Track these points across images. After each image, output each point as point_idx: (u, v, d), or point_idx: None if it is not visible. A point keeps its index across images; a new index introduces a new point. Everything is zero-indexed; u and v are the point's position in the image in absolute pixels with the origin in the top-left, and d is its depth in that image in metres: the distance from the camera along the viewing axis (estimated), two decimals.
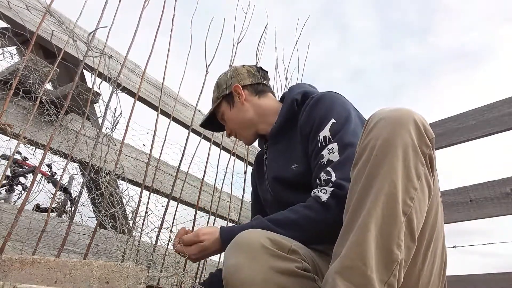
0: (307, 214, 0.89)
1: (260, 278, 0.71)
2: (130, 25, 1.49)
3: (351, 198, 0.70)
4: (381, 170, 0.66)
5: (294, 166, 1.04)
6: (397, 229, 0.64)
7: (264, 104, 1.20)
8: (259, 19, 2.13)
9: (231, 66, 1.96)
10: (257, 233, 0.78)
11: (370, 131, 0.71)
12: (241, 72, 1.23)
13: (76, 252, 1.36)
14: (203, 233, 0.96)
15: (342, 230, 0.70)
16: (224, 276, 0.76)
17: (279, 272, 0.73)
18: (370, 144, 0.69)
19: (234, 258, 0.75)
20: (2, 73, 1.37)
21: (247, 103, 1.19)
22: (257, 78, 1.23)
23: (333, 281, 0.64)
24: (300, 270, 0.75)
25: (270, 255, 0.74)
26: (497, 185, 1.65)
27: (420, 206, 0.67)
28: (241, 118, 1.20)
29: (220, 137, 2.10)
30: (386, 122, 0.69)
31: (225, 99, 1.22)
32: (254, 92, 1.21)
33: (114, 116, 1.31)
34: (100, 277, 1.05)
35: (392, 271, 0.63)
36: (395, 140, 0.66)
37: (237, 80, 1.21)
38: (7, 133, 1.19)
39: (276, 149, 1.15)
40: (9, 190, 2.93)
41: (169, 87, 2.03)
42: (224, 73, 1.27)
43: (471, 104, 1.83)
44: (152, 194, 1.59)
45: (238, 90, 1.19)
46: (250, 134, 1.23)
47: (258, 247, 0.74)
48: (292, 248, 0.78)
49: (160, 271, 1.39)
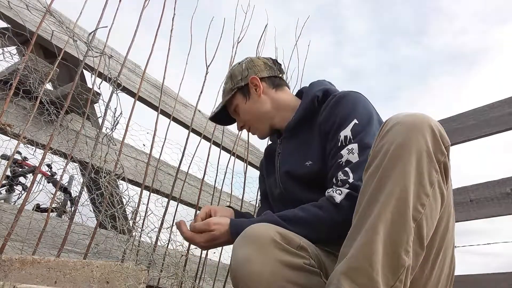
0: (318, 214, 0.89)
1: (269, 271, 0.72)
2: (130, 25, 1.49)
3: (362, 200, 0.70)
4: (394, 174, 0.66)
5: (308, 163, 1.02)
6: (406, 235, 0.64)
7: (281, 98, 1.17)
8: (259, 19, 2.13)
9: (230, 65, 1.97)
10: (268, 227, 0.78)
11: (385, 135, 0.71)
12: (258, 63, 1.19)
13: (76, 252, 1.36)
14: (214, 223, 0.95)
15: (350, 231, 0.70)
16: (232, 268, 0.76)
17: (287, 266, 0.73)
18: (384, 147, 0.69)
19: (243, 250, 0.75)
20: (2, 73, 1.37)
21: (264, 96, 1.16)
22: (274, 70, 1.20)
23: (338, 281, 0.64)
24: (308, 266, 0.76)
25: (280, 249, 0.74)
26: (497, 185, 1.65)
27: (431, 213, 0.67)
28: (257, 111, 1.16)
29: (220, 137, 2.10)
30: (402, 127, 0.69)
31: (240, 91, 1.17)
32: (271, 85, 1.17)
33: (114, 116, 1.31)
34: (100, 277, 1.05)
35: (398, 276, 0.63)
36: (409, 145, 0.66)
37: (254, 71, 1.17)
38: (7, 133, 1.20)
39: (291, 144, 1.12)
40: (9, 190, 2.93)
41: (169, 87, 2.03)
42: (238, 63, 1.22)
43: (467, 105, 1.83)
44: (152, 194, 1.59)
45: (255, 82, 1.15)
46: (265, 127, 1.18)
47: (268, 240, 0.74)
48: (301, 244, 0.78)
49: (160, 271, 1.39)
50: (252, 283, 0.72)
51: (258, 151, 2.48)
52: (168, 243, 1.53)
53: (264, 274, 0.71)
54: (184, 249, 1.58)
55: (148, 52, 1.56)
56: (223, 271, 1.84)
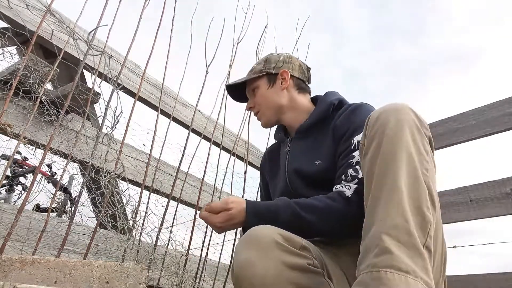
0: (331, 205, 0.91)
1: (272, 273, 0.71)
2: (130, 25, 1.49)
3: (371, 178, 0.72)
4: (397, 146, 0.70)
5: (317, 162, 1.06)
6: (423, 192, 0.67)
7: (300, 101, 1.22)
8: (259, 19, 2.13)
9: (231, 65, 1.96)
10: (269, 229, 0.78)
11: (375, 122, 0.75)
12: (294, 62, 1.25)
13: (76, 252, 1.36)
14: (232, 201, 0.95)
15: (370, 205, 0.71)
16: (235, 271, 0.76)
17: (291, 267, 0.73)
18: (379, 130, 0.73)
19: (245, 253, 0.75)
20: (2, 73, 1.37)
21: (286, 91, 1.21)
22: (304, 76, 1.26)
23: (381, 241, 0.62)
24: (311, 267, 0.76)
25: (282, 251, 0.74)
26: (497, 185, 1.65)
27: (433, 178, 0.71)
28: (273, 100, 1.21)
29: (220, 137, 2.10)
30: (389, 112, 0.74)
31: (267, 76, 1.22)
32: (296, 86, 1.23)
33: (115, 115, 1.31)
34: (100, 277, 1.05)
35: (427, 232, 0.65)
36: (402, 122, 0.72)
37: (288, 66, 1.22)
38: (7, 133, 1.20)
39: (302, 144, 1.17)
40: (9, 190, 2.93)
41: (169, 87, 2.03)
42: (277, 53, 1.28)
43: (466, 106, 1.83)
44: (152, 194, 1.59)
45: (285, 76, 1.21)
46: (273, 118, 1.23)
47: (270, 242, 0.74)
48: (304, 244, 0.78)
49: (161, 270, 1.39)
50: (257, 286, 0.71)
51: (258, 151, 2.48)
52: (168, 243, 1.53)
53: (267, 277, 0.71)
54: (184, 249, 1.58)
55: (148, 52, 1.56)
56: (223, 271, 1.84)
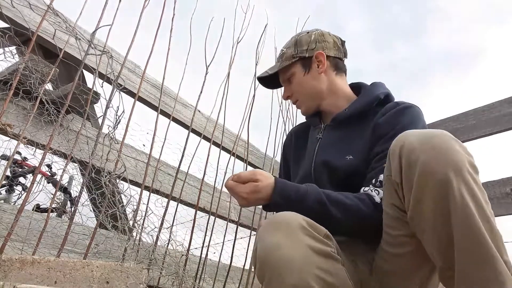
0: (360, 206, 0.88)
1: (300, 256, 0.70)
2: (130, 25, 1.49)
3: (446, 237, 0.68)
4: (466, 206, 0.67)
5: (348, 157, 1.00)
6: (500, 240, 0.68)
7: (339, 84, 1.13)
8: (259, 19, 2.13)
9: (230, 65, 1.96)
10: (295, 215, 0.77)
11: (419, 173, 0.70)
12: (328, 39, 1.13)
13: (76, 252, 1.36)
14: (260, 173, 0.91)
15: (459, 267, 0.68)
16: (259, 255, 0.74)
17: (317, 252, 0.72)
18: (429, 186, 0.69)
19: (272, 236, 0.73)
20: (2, 73, 1.37)
21: (324, 75, 1.11)
22: (341, 52, 1.15)
23: None
24: (334, 254, 0.76)
25: (309, 236, 0.73)
26: (497, 185, 1.65)
27: None
28: (312, 87, 1.12)
29: (220, 137, 2.10)
30: (431, 156, 0.69)
31: (301, 61, 1.12)
32: (334, 66, 1.13)
33: (116, 114, 1.31)
34: (100, 277, 1.05)
35: None
36: (455, 173, 0.68)
37: (322, 46, 1.11)
38: (7, 133, 1.20)
39: (336, 134, 1.09)
40: (9, 190, 2.93)
41: (169, 87, 2.03)
42: (307, 32, 1.15)
43: (466, 105, 1.83)
44: (152, 194, 1.59)
45: (321, 58, 1.10)
46: (313, 105, 1.14)
47: (297, 226, 0.73)
48: (327, 233, 0.78)
49: (161, 270, 1.39)
50: (283, 269, 0.70)
51: (258, 151, 2.48)
52: (168, 243, 1.53)
53: (295, 259, 0.70)
54: (184, 249, 1.58)
55: (148, 52, 1.56)
56: (223, 271, 1.84)
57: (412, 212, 0.72)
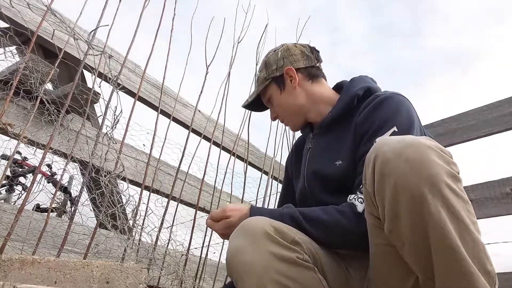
0: (339, 220, 0.86)
1: (260, 262, 0.73)
2: (130, 25, 1.49)
3: (420, 247, 0.66)
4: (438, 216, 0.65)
5: (338, 163, 0.97)
6: (482, 250, 0.67)
7: (318, 91, 1.11)
8: (259, 19, 2.13)
9: (231, 65, 1.96)
10: (263, 220, 0.79)
11: (392, 183, 0.67)
12: (294, 52, 1.12)
13: (76, 252, 1.36)
14: (230, 209, 0.94)
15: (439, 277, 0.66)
16: (226, 258, 0.78)
17: (279, 259, 0.74)
18: (404, 198, 0.67)
19: (236, 240, 0.77)
20: (2, 73, 1.37)
21: (299, 88, 1.10)
22: (311, 60, 1.12)
23: None
24: (300, 260, 0.76)
25: (272, 242, 0.75)
26: (497, 185, 1.65)
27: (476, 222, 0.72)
28: (291, 103, 1.11)
29: (220, 137, 2.10)
30: (404, 170, 0.66)
31: (274, 81, 1.11)
32: (307, 76, 1.11)
33: (115, 115, 1.31)
34: (100, 277, 1.05)
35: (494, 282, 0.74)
36: (430, 182, 0.65)
37: (289, 61, 1.10)
38: (8, 132, 1.20)
39: (323, 141, 1.08)
40: (9, 190, 2.93)
41: (169, 87, 2.03)
42: (274, 51, 1.15)
43: (465, 106, 1.83)
44: (152, 194, 1.59)
45: (291, 74, 1.09)
46: (299, 120, 1.14)
47: (261, 232, 0.75)
48: (296, 239, 0.78)
49: (161, 270, 1.39)
50: (244, 273, 0.73)
51: (258, 151, 2.48)
52: (168, 243, 1.53)
53: (255, 264, 0.72)
54: (184, 249, 1.58)
55: (148, 52, 1.56)
56: (223, 271, 1.84)
57: (389, 225, 0.69)
